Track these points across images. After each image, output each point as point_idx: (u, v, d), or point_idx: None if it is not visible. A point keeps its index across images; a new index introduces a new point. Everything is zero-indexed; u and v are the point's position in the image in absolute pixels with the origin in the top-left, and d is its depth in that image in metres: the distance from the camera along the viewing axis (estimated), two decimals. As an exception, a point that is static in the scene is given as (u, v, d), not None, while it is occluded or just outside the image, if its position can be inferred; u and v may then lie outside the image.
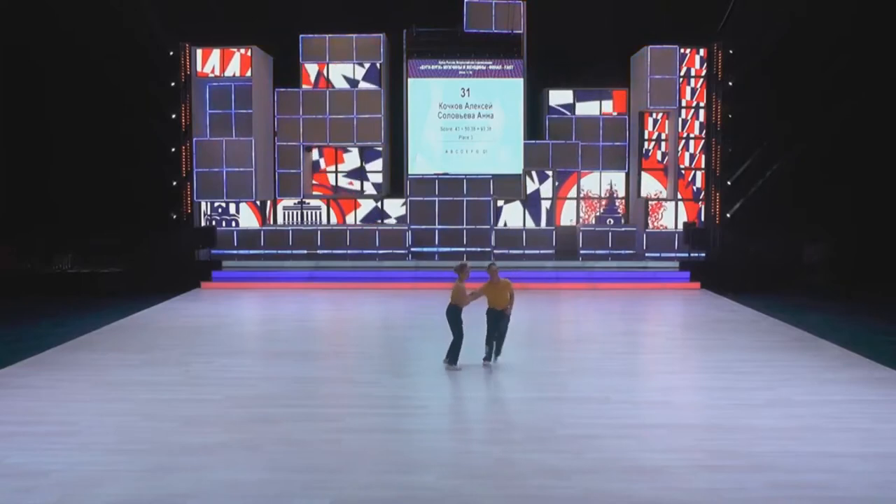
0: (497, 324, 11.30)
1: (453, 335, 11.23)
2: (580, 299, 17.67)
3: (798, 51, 19.82)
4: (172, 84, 20.82)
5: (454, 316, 11.18)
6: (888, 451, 7.97)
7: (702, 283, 19.91)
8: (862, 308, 16.59)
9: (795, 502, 6.77)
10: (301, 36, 21.84)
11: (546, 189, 21.85)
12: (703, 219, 21.10)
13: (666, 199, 21.29)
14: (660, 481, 7.18)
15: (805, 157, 20.40)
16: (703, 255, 20.70)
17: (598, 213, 21.93)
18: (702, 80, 21.11)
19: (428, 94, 21.82)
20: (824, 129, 20.13)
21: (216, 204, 21.55)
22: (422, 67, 21.83)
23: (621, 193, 22.20)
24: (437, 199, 21.33)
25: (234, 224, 21.52)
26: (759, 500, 6.80)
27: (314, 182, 22.87)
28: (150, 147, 20.91)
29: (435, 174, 21.55)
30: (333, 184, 22.95)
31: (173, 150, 20.92)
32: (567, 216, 22.04)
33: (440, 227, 21.28)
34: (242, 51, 20.88)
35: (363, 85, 21.93)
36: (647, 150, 21.61)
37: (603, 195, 22.06)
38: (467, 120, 21.91)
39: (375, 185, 22.79)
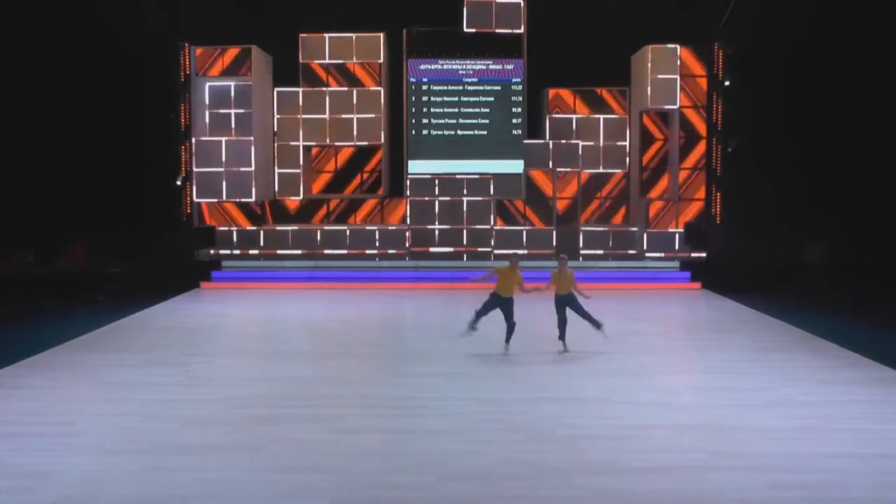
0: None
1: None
2: (580, 299, 17.66)
3: (797, 50, 19.82)
4: (172, 84, 20.79)
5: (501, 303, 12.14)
6: (888, 451, 7.96)
7: (702, 283, 19.90)
8: (862, 308, 16.57)
9: (795, 503, 6.77)
10: (300, 35, 21.81)
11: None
12: (703, 219, 21.07)
13: (666, 199, 21.27)
14: (660, 482, 7.17)
15: (805, 156, 20.41)
16: (704, 255, 20.69)
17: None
18: (702, 79, 21.06)
19: (428, 93, 21.80)
20: (824, 129, 20.15)
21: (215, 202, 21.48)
22: (422, 67, 21.82)
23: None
24: (437, 199, 21.31)
25: (233, 224, 21.44)
26: (760, 501, 6.79)
27: (313, 182, 22.87)
28: (150, 147, 20.90)
29: (435, 174, 21.52)
30: (332, 184, 22.94)
31: (172, 149, 20.90)
32: (567, 216, 21.97)
33: (440, 227, 21.26)
34: (242, 50, 20.86)
35: (363, 84, 21.91)
36: (647, 150, 21.54)
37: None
38: (467, 119, 21.89)
39: (375, 186, 22.78)
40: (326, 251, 21.09)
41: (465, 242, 21.24)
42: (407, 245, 21.20)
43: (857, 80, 20.02)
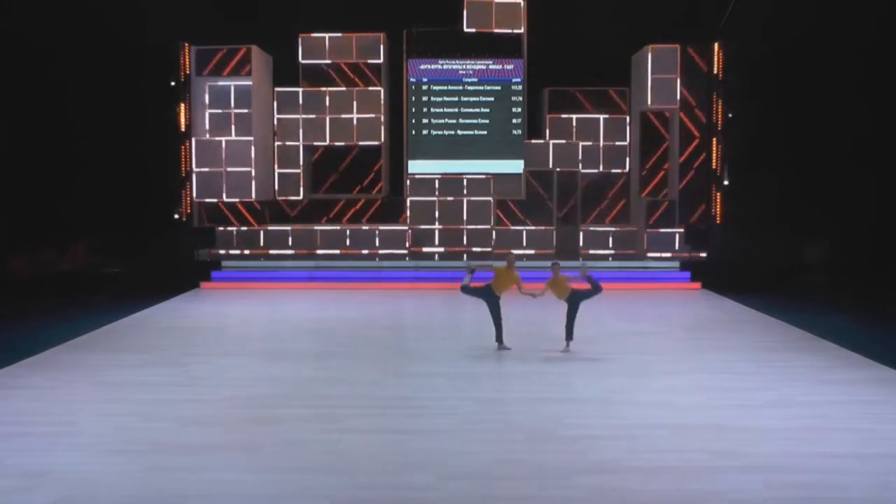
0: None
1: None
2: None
3: (798, 50, 19.81)
4: (172, 84, 20.79)
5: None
6: (888, 451, 7.96)
7: (702, 283, 19.90)
8: (862, 308, 16.57)
9: (795, 503, 6.77)
10: (301, 35, 21.82)
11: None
12: (703, 219, 21.07)
13: (667, 199, 21.27)
14: (660, 482, 7.17)
15: (805, 156, 20.40)
16: (704, 255, 20.69)
17: None
18: (702, 79, 21.05)
19: (428, 93, 21.80)
20: (825, 129, 20.14)
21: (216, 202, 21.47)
22: (422, 67, 21.82)
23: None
24: (437, 199, 21.30)
25: (233, 224, 21.43)
26: (759, 501, 6.79)
27: (314, 182, 22.85)
28: (150, 147, 20.89)
29: (435, 174, 21.52)
30: (332, 184, 22.92)
31: (172, 149, 20.90)
32: (567, 216, 21.96)
33: (440, 227, 21.25)
34: (242, 50, 20.86)
35: (363, 84, 21.90)
36: (648, 150, 21.54)
37: None
38: (467, 119, 21.89)
39: (375, 185, 22.76)
40: (326, 251, 21.09)
41: (465, 242, 21.23)
42: (407, 245, 21.20)
43: (858, 79, 20.01)
